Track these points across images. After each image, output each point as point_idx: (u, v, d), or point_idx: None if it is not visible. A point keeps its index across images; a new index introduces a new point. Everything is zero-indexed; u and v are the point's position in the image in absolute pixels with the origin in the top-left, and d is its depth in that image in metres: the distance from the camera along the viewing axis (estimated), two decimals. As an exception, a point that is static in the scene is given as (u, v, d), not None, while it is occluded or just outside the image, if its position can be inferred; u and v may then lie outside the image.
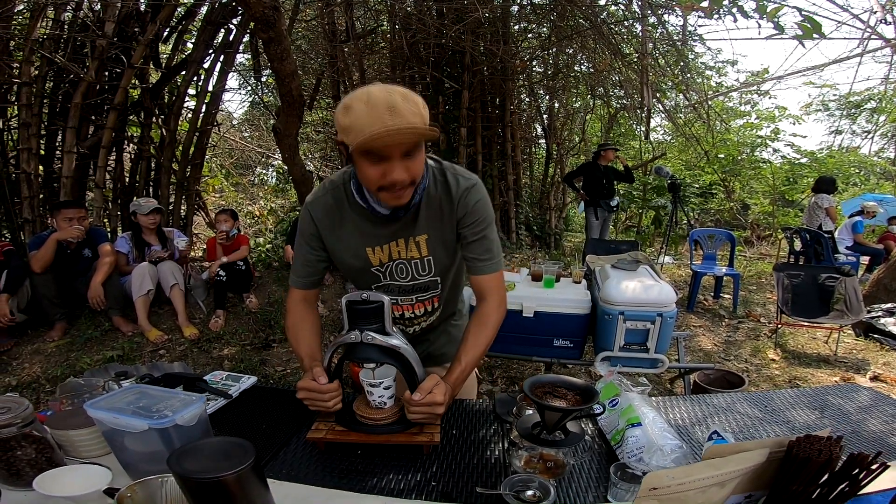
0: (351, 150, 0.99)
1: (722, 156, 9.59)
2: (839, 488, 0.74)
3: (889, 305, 4.36)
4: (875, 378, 3.48)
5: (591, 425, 1.32)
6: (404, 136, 0.96)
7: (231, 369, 3.14)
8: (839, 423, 1.40)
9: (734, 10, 3.32)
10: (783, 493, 0.74)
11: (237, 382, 1.59)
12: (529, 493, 0.96)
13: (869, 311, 4.23)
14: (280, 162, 9.00)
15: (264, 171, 11.03)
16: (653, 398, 1.43)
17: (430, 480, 1.08)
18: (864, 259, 6.59)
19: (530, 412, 1.25)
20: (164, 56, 5.49)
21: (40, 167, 4.61)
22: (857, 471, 0.73)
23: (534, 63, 7.56)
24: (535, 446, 1.10)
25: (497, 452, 1.20)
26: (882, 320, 4.21)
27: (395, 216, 1.17)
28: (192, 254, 5.28)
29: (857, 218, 6.68)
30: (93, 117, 4.73)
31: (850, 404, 1.50)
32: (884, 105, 10.56)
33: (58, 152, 4.81)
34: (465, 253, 1.26)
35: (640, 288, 2.75)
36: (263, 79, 7.03)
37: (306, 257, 1.30)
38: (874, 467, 0.72)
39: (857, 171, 9.92)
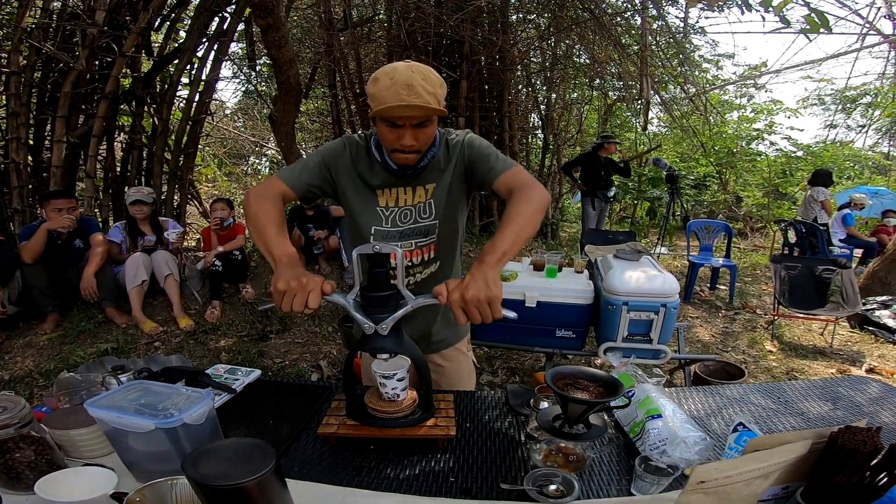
0: (370, 114, 1.17)
1: (717, 148, 9.61)
2: (879, 478, 0.72)
3: (884, 298, 4.39)
4: (871, 370, 3.50)
5: (606, 417, 1.29)
6: (414, 111, 1.13)
7: (228, 361, 3.09)
8: (853, 414, 1.39)
9: (739, 1, 3.28)
10: (825, 483, 0.72)
11: (240, 376, 1.54)
12: (553, 487, 0.94)
13: (864, 304, 4.26)
14: (274, 151, 8.90)
15: (258, 161, 10.90)
16: (666, 389, 1.41)
17: (448, 476, 1.05)
18: (858, 252, 6.63)
19: (546, 405, 1.22)
20: (157, 45, 5.37)
21: (29, 157, 4.51)
22: (896, 461, 0.71)
23: (532, 53, 7.49)
24: (554, 439, 1.07)
25: (514, 446, 1.17)
26: (877, 313, 4.23)
27: (403, 173, 1.29)
28: (186, 243, 5.20)
29: (846, 210, 6.71)
30: (83, 106, 4.62)
31: (861, 396, 1.49)
32: (879, 100, 10.59)
33: (47, 142, 4.70)
34: (477, 175, 1.29)
35: (644, 278, 2.73)
36: (258, 67, 6.91)
37: (316, 167, 1.30)
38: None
39: (851, 164, 9.98)
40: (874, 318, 4.21)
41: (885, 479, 0.73)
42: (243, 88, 8.92)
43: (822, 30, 2.89)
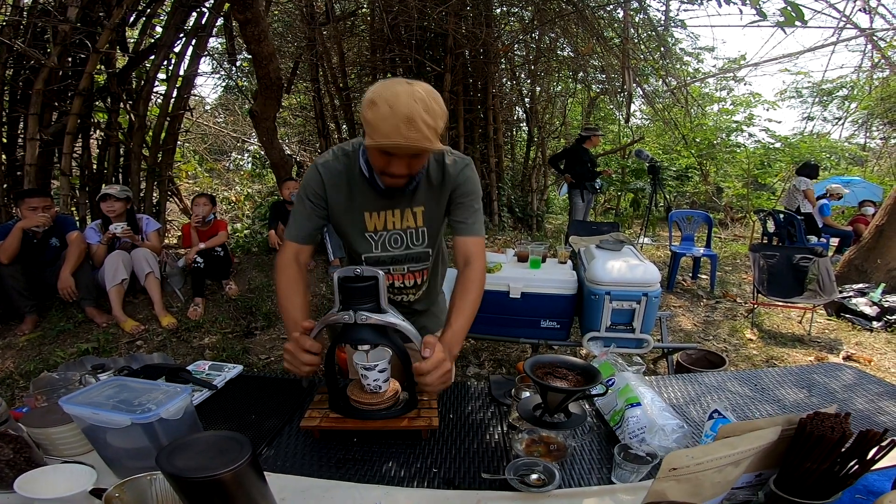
0: (366, 140, 1.10)
1: (698, 140, 9.73)
2: (849, 465, 0.73)
3: (860, 286, 4.49)
4: (848, 358, 3.57)
5: (587, 406, 1.31)
6: (412, 150, 1.09)
7: (213, 358, 3.05)
8: (827, 401, 1.42)
9: (718, -6, 3.31)
10: (795, 470, 0.73)
11: (222, 372, 1.53)
12: (534, 476, 0.95)
13: (841, 292, 4.35)
14: (256, 147, 8.79)
15: (240, 157, 10.75)
16: (646, 378, 1.43)
17: (431, 467, 1.05)
18: (834, 241, 6.79)
19: (528, 394, 1.23)
20: (132, 41, 5.25)
21: (3, 155, 4.39)
22: (866, 448, 0.72)
23: (516, 46, 7.49)
24: (536, 429, 1.09)
25: (497, 436, 1.18)
26: (854, 300, 4.33)
27: (392, 193, 1.26)
28: (167, 241, 5.13)
29: (823, 201, 6.85)
30: (56, 103, 4.52)
31: (835, 383, 1.52)
32: (855, 93, 10.82)
33: (20, 140, 4.59)
34: (452, 217, 1.34)
35: (626, 268, 2.76)
36: (238, 62, 6.81)
37: (307, 212, 1.30)
38: (884, 444, 0.72)
39: (827, 155, 10.20)
40: (851, 305, 4.30)
41: (856, 467, 0.74)
42: (223, 84, 8.78)
43: (798, 23, 2.93)
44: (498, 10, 6.96)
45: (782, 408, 1.38)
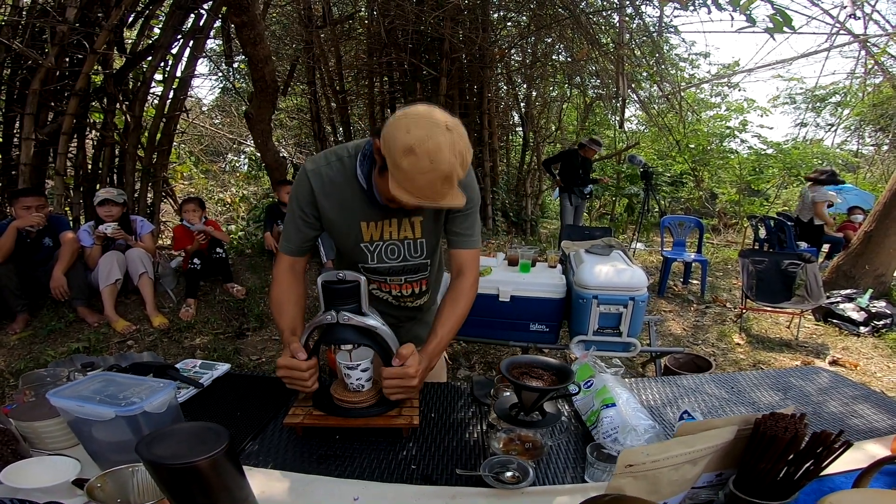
0: (390, 181, 1.01)
1: (692, 146, 9.79)
2: (804, 466, 0.75)
3: (848, 291, 4.54)
4: (834, 362, 3.62)
5: (567, 406, 1.34)
6: (441, 207, 1.09)
7: (204, 359, 3.06)
8: (801, 404, 1.45)
9: (709, 1, 3.36)
10: (751, 471, 0.75)
11: (210, 370, 1.56)
12: (509, 474, 0.98)
13: (828, 297, 4.40)
14: (252, 148, 8.82)
15: (236, 158, 10.76)
16: (626, 380, 1.46)
17: (410, 463, 1.08)
18: (824, 247, 6.83)
19: (507, 394, 1.26)
20: (130, 41, 5.28)
21: (-2, 154, 4.42)
22: (820, 449, 0.74)
23: (512, 51, 7.55)
24: (514, 428, 1.11)
25: (476, 435, 1.21)
26: (841, 306, 4.38)
27: (388, 206, 1.21)
28: (161, 241, 5.14)
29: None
30: (52, 103, 4.53)
31: (811, 386, 1.55)
32: (848, 99, 10.90)
33: (16, 139, 4.60)
34: (448, 228, 1.31)
35: (613, 272, 2.79)
36: (235, 64, 6.83)
37: (297, 223, 1.28)
38: (837, 446, 0.74)
39: (819, 162, 10.26)
40: (838, 311, 4.35)
41: (813, 468, 0.75)
42: (221, 85, 8.81)
43: (786, 29, 2.97)
44: (494, 15, 7.02)
45: (756, 410, 1.41)
